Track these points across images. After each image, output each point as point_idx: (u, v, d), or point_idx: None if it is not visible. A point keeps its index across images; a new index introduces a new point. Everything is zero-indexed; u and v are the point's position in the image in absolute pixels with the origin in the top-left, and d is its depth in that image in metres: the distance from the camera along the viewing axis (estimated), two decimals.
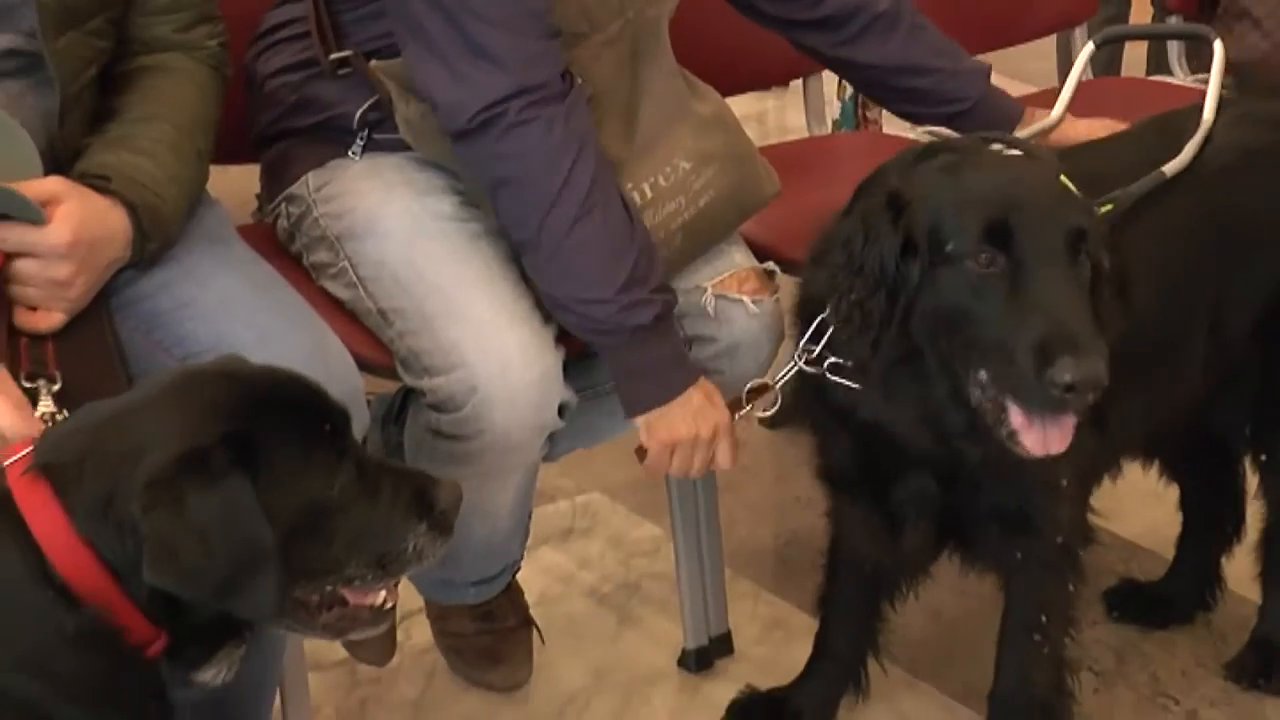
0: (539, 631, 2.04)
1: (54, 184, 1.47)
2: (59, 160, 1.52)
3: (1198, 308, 1.84)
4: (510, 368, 1.68)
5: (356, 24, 1.74)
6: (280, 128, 1.81)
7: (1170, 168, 1.83)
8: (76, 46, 1.56)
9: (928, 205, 1.57)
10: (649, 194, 1.78)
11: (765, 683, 2.00)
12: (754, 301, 1.86)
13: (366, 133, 1.78)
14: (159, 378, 1.33)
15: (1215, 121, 1.88)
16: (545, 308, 1.75)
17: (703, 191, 1.82)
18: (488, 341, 1.68)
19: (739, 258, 1.91)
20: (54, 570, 1.19)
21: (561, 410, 1.73)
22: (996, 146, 1.76)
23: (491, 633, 2.02)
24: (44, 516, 1.20)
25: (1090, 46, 2.30)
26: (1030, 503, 1.71)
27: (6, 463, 1.23)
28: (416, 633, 2.08)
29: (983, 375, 1.54)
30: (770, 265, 1.85)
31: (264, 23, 1.82)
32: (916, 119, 2.09)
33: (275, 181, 1.83)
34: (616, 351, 1.73)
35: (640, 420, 1.74)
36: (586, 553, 2.34)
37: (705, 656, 2.05)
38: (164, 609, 1.21)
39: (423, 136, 1.75)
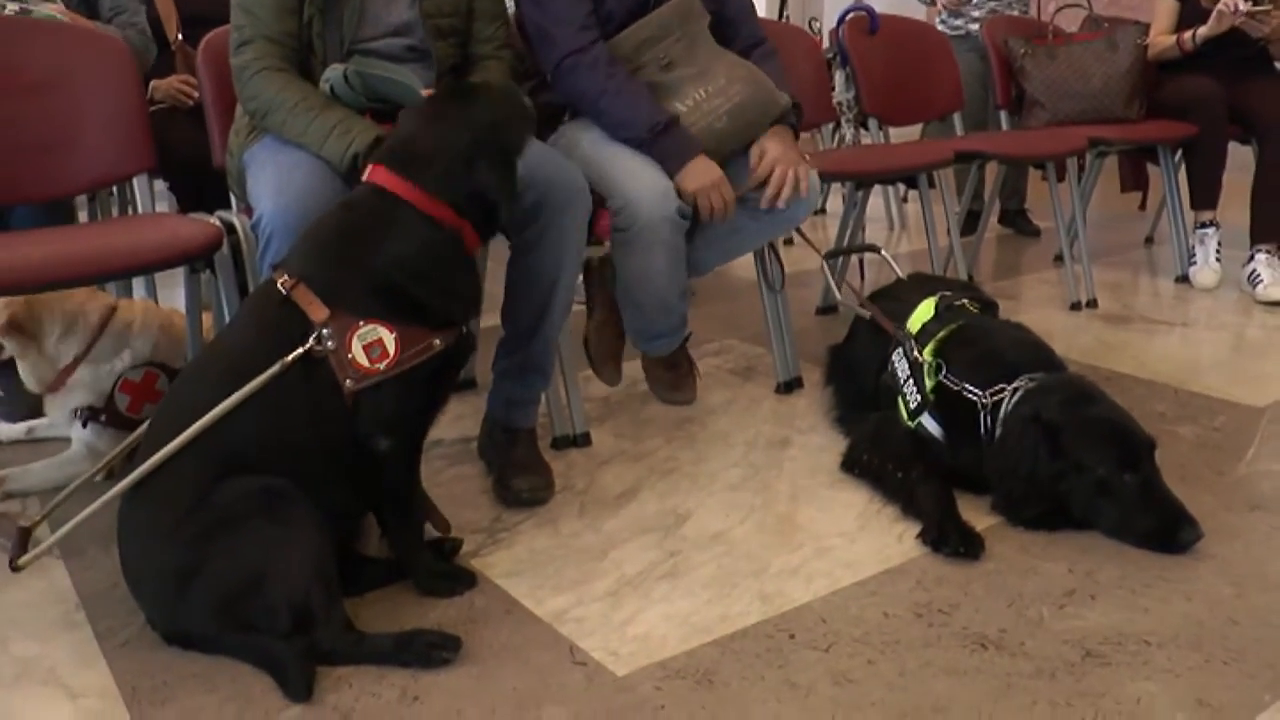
0: (698, 373, 2.81)
1: (426, 91, 1.97)
2: None
3: None
4: (645, 189, 2.25)
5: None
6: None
7: None
8: (444, 49, 2.18)
9: (1075, 437, 1.90)
10: (702, 96, 2.32)
11: (819, 396, 2.80)
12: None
13: (568, 113, 2.48)
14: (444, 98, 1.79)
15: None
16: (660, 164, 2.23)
17: (734, 95, 2.34)
18: (634, 180, 2.26)
19: None
20: (424, 213, 1.63)
21: (681, 213, 2.27)
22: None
23: (674, 372, 2.78)
24: (406, 189, 1.65)
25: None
26: None
27: (366, 177, 1.67)
28: (633, 371, 2.82)
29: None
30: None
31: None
32: None
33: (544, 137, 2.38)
34: (653, 146, 2.26)
35: (676, 179, 2.27)
36: (725, 360, 3.11)
37: (789, 386, 2.91)
38: (482, 223, 1.68)
39: None
